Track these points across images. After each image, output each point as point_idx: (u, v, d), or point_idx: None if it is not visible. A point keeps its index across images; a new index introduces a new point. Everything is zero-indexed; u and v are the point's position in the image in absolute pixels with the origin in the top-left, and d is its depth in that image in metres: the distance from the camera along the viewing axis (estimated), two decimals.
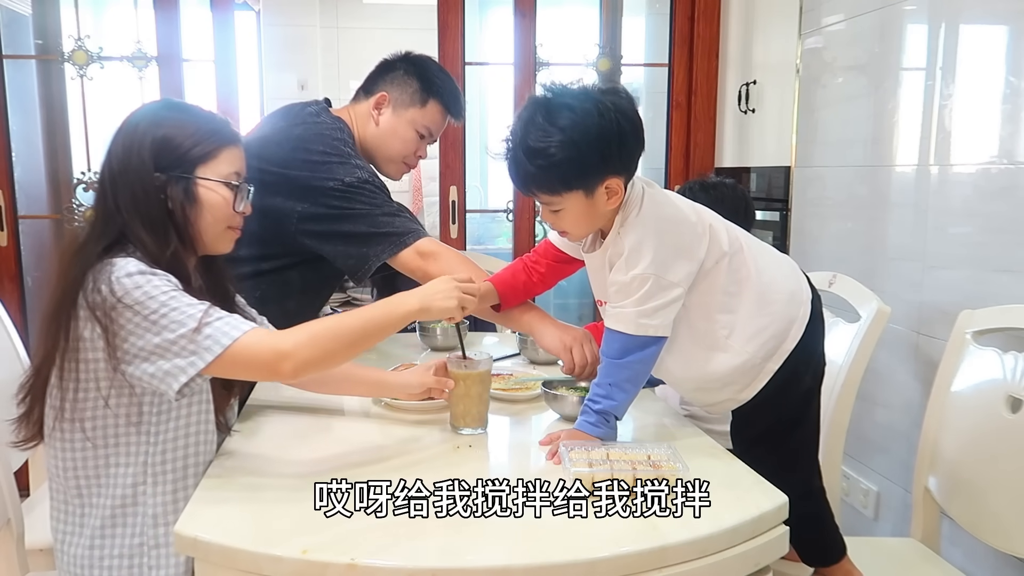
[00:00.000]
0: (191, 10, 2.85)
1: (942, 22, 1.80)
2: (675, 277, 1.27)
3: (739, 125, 2.80)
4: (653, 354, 1.30)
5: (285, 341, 1.15)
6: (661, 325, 1.28)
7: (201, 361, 1.11)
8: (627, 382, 1.29)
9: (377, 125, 1.83)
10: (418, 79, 1.83)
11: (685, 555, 1.00)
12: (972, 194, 1.72)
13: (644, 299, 1.26)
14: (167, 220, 1.23)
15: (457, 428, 1.40)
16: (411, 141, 1.85)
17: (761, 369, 1.34)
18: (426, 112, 1.84)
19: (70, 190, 2.82)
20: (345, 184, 1.66)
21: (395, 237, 1.65)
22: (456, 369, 1.38)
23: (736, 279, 1.32)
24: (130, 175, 1.21)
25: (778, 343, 1.34)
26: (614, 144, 1.24)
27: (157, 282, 1.14)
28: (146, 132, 1.23)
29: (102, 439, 1.20)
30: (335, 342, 1.18)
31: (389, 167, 1.88)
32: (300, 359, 1.14)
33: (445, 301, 1.27)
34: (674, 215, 1.31)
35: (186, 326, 1.11)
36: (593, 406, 1.29)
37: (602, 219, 1.32)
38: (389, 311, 1.24)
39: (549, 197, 1.29)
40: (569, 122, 1.22)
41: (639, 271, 1.25)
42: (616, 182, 1.26)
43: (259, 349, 1.13)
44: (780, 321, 1.34)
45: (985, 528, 1.46)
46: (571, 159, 1.22)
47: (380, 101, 1.83)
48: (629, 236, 1.27)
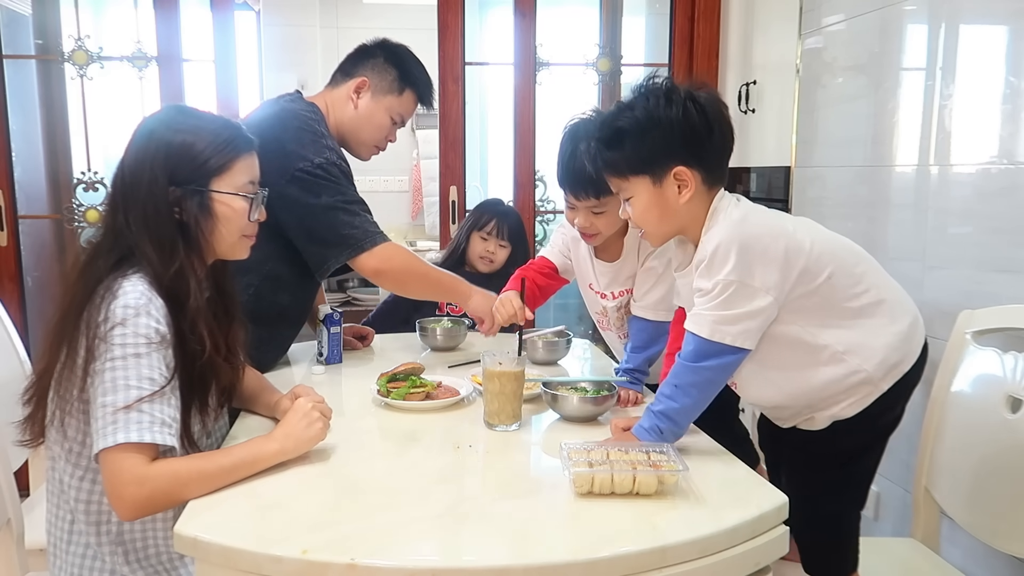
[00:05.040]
0: (191, 10, 2.84)
1: (942, 22, 1.80)
2: (761, 284, 1.22)
3: (739, 125, 2.79)
4: (728, 364, 1.26)
5: (148, 469, 1.10)
6: (741, 335, 1.23)
7: (103, 442, 1.09)
8: (693, 387, 1.26)
9: (356, 108, 1.89)
10: (396, 68, 1.90)
11: (685, 555, 1.00)
12: (972, 194, 1.72)
13: (725, 304, 1.23)
14: (176, 236, 1.21)
15: (492, 425, 1.40)
16: (385, 127, 1.92)
17: (876, 387, 1.32)
18: (402, 100, 1.91)
19: (70, 190, 2.82)
20: (314, 165, 1.70)
21: (353, 242, 1.73)
22: (491, 367, 1.38)
23: (855, 293, 1.30)
24: (142, 189, 1.20)
25: (898, 361, 1.32)
26: (679, 130, 1.25)
27: (140, 330, 1.13)
28: (160, 144, 1.22)
29: (86, 458, 1.20)
30: (196, 483, 1.12)
31: (361, 149, 1.95)
32: (150, 489, 1.09)
33: (307, 431, 1.23)
34: (765, 221, 1.29)
35: (121, 398, 1.10)
36: (654, 407, 1.28)
37: (676, 217, 1.31)
38: (254, 457, 1.18)
39: (619, 182, 1.32)
40: (640, 106, 1.27)
41: (722, 277, 1.22)
42: (685, 172, 1.26)
43: (123, 465, 1.09)
44: (903, 341, 1.33)
45: (985, 528, 1.46)
46: (636, 139, 1.26)
47: (360, 86, 1.88)
48: (712, 241, 1.25)
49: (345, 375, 1.82)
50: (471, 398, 1.57)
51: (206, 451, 1.26)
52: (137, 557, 1.23)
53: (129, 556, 1.23)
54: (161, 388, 1.13)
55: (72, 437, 1.19)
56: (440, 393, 1.55)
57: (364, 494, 1.15)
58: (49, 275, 3.01)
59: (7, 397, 1.33)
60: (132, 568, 1.23)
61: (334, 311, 1.86)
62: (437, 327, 2.03)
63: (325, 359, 1.85)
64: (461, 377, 1.66)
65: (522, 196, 2.95)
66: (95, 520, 1.22)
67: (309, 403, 1.27)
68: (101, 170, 2.82)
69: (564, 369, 1.88)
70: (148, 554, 1.24)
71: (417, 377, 1.58)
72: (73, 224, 2.80)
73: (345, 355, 1.91)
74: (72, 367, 1.15)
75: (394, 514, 1.07)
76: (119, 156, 1.24)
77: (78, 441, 1.19)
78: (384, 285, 1.92)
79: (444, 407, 1.52)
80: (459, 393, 1.56)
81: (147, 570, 1.24)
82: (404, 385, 1.54)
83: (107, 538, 1.22)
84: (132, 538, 1.23)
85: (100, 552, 1.22)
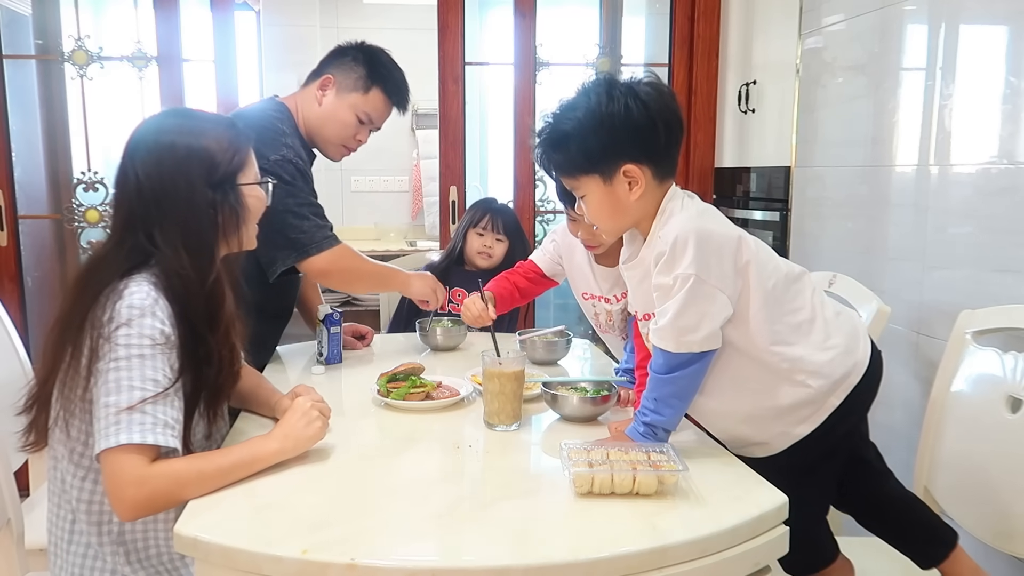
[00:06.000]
0: (191, 10, 2.84)
1: (942, 22, 1.80)
2: (718, 281, 1.22)
3: (739, 125, 2.80)
4: (699, 370, 1.26)
5: (148, 469, 1.10)
6: (705, 339, 1.23)
7: (105, 442, 1.09)
8: (673, 397, 1.26)
9: (320, 105, 1.90)
10: (365, 66, 1.90)
11: (685, 555, 1.00)
12: (972, 194, 1.72)
13: (686, 303, 1.21)
14: (214, 240, 1.24)
15: (492, 425, 1.40)
16: (350, 125, 1.91)
17: (823, 404, 1.30)
18: (368, 99, 1.90)
19: (70, 190, 2.82)
20: (269, 163, 1.71)
21: (300, 246, 1.77)
22: (491, 367, 1.38)
23: (795, 307, 1.29)
24: (179, 201, 1.20)
25: (844, 375, 1.30)
26: (622, 127, 1.24)
27: (145, 331, 1.13)
28: (188, 152, 1.22)
29: (88, 458, 1.20)
30: (195, 484, 1.12)
31: (329, 148, 1.95)
32: (150, 490, 1.09)
33: (306, 430, 1.24)
34: (719, 218, 1.29)
35: (124, 398, 1.10)
36: (642, 418, 1.28)
37: (628, 213, 1.30)
38: (253, 457, 1.18)
39: (570, 181, 1.32)
40: (581, 106, 1.27)
41: (681, 270, 1.21)
42: (634, 169, 1.26)
43: (124, 466, 1.09)
44: (842, 354, 1.30)
45: (985, 528, 1.46)
46: (580, 140, 1.26)
47: (325, 83, 1.90)
48: (670, 234, 1.23)
49: (345, 375, 1.83)
50: (471, 398, 1.57)
51: (206, 451, 1.26)
52: (139, 557, 1.23)
53: (130, 556, 1.23)
54: (165, 390, 1.13)
55: (75, 437, 1.19)
56: (440, 393, 1.55)
57: (364, 494, 1.14)
58: (49, 275, 3.01)
59: (7, 397, 1.33)
60: (133, 568, 1.23)
61: (334, 311, 1.86)
62: (437, 327, 2.03)
63: (325, 359, 1.85)
64: (461, 377, 1.66)
65: (522, 196, 2.96)
66: (96, 520, 1.22)
67: (308, 402, 1.27)
68: (101, 170, 2.82)
69: (564, 369, 1.88)
70: (149, 554, 1.24)
71: (417, 377, 1.58)
72: (73, 224, 2.80)
73: (345, 355, 1.91)
74: (76, 367, 1.15)
75: (394, 514, 1.07)
76: (119, 159, 1.24)
77: (81, 441, 1.19)
78: (331, 285, 1.99)
79: (444, 407, 1.52)
80: (459, 393, 1.56)
81: (148, 570, 1.24)
82: (404, 385, 1.54)
83: (108, 538, 1.22)
84: (134, 538, 1.23)
85: (101, 552, 1.22)
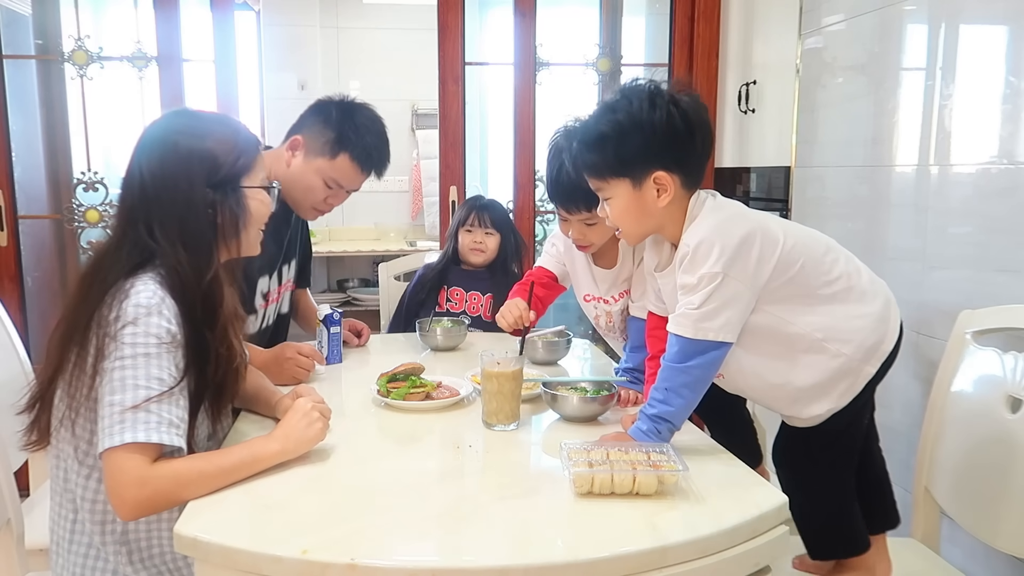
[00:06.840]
0: (191, 10, 2.84)
1: (942, 22, 1.80)
2: (741, 276, 1.24)
3: (739, 125, 2.80)
4: (714, 360, 1.27)
5: (150, 469, 1.10)
6: (723, 329, 1.24)
7: (109, 441, 1.08)
8: (684, 387, 1.26)
9: (288, 167, 1.83)
10: (335, 129, 1.80)
11: (685, 555, 1.00)
12: (972, 194, 1.72)
13: (707, 298, 1.23)
14: (212, 240, 1.23)
15: (490, 425, 1.40)
16: (317, 189, 1.83)
17: (860, 371, 1.32)
18: (335, 165, 1.81)
19: (70, 190, 2.82)
20: None
21: None
22: (489, 367, 1.38)
23: (826, 281, 1.31)
24: (178, 200, 1.21)
25: (877, 342, 1.32)
26: (661, 134, 1.25)
27: (151, 329, 1.13)
28: (190, 152, 1.22)
29: (93, 456, 1.19)
30: (196, 484, 1.11)
31: (299, 209, 1.90)
32: (151, 490, 1.09)
33: (307, 431, 1.24)
34: (742, 216, 1.30)
35: (129, 397, 1.10)
36: (648, 411, 1.28)
37: (652, 218, 1.32)
38: (254, 457, 1.18)
39: (598, 183, 1.32)
40: (622, 109, 1.27)
41: (705, 270, 1.23)
42: (665, 177, 1.27)
43: (126, 465, 1.09)
44: (878, 322, 1.33)
45: (985, 528, 1.46)
46: (617, 143, 1.26)
47: (294, 144, 1.83)
48: (696, 236, 1.25)
49: (345, 375, 1.82)
50: (471, 398, 1.57)
51: (207, 451, 1.26)
52: (141, 557, 1.23)
53: (133, 556, 1.22)
54: (170, 389, 1.13)
55: (80, 435, 1.19)
56: (440, 393, 1.55)
57: (364, 494, 1.15)
58: (49, 275, 3.01)
59: (7, 397, 1.33)
60: (135, 568, 1.23)
61: (334, 311, 1.86)
62: (437, 327, 2.03)
63: (325, 359, 1.85)
64: (461, 377, 1.66)
65: (522, 196, 2.96)
66: (100, 519, 1.21)
67: (309, 403, 1.27)
68: (101, 170, 2.82)
69: (564, 369, 1.88)
70: (152, 554, 1.24)
71: (417, 377, 1.58)
72: (73, 224, 2.80)
73: (345, 355, 1.91)
74: (83, 366, 1.14)
75: (394, 514, 1.07)
76: (121, 160, 1.25)
77: (86, 439, 1.19)
78: None
79: (444, 407, 1.52)
80: (459, 393, 1.56)
81: (151, 571, 1.24)
82: (404, 385, 1.54)
83: (111, 537, 1.22)
84: (137, 538, 1.23)
85: (103, 551, 1.22)
